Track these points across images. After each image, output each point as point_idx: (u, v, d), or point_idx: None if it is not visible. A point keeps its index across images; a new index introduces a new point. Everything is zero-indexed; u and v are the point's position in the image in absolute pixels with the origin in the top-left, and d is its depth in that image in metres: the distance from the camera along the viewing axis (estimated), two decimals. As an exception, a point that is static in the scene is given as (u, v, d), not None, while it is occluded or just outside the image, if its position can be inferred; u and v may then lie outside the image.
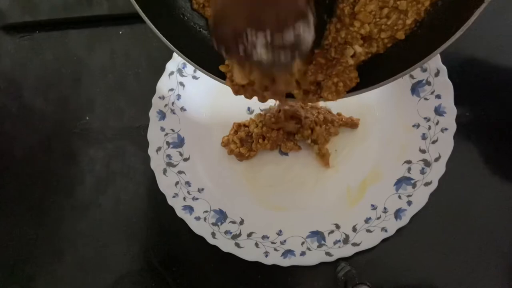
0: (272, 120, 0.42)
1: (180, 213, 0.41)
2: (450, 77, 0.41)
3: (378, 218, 0.39)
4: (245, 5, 0.22)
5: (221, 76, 0.31)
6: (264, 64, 0.23)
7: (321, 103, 0.43)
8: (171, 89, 0.45)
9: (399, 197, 0.39)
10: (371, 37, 0.28)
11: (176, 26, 0.32)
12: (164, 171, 0.43)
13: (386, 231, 0.38)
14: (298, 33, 0.22)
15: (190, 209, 0.42)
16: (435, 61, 0.41)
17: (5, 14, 0.52)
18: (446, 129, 0.40)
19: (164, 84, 0.45)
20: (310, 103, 0.42)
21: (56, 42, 0.52)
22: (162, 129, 0.45)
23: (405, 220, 0.38)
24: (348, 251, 0.38)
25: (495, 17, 0.45)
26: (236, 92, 0.29)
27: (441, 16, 0.27)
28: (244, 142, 0.43)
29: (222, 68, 0.31)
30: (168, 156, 0.44)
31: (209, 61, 0.32)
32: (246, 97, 0.30)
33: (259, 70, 0.25)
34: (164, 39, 0.31)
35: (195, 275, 0.41)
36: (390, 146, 0.42)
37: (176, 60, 0.46)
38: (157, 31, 0.31)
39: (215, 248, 0.40)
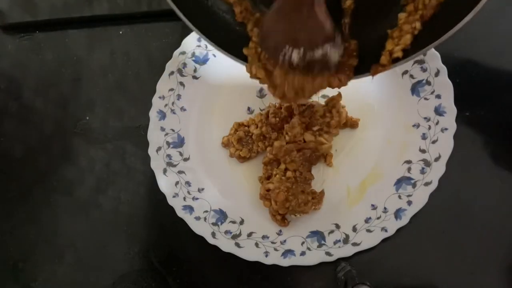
0: (276, 120, 0.42)
1: (180, 213, 0.41)
2: (450, 77, 0.41)
3: (378, 218, 0.39)
4: (285, 28, 0.29)
5: (242, 58, 0.34)
6: (297, 70, 0.30)
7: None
8: (171, 89, 0.45)
9: (399, 197, 0.39)
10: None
11: (200, 11, 0.34)
12: (164, 171, 0.43)
13: (386, 231, 0.38)
14: (325, 52, 0.29)
15: (190, 209, 0.42)
16: (435, 61, 0.41)
17: (5, 14, 0.52)
18: (446, 129, 0.40)
19: (164, 84, 0.45)
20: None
21: (56, 42, 0.52)
22: (162, 129, 0.45)
23: (405, 220, 0.38)
24: (348, 251, 0.38)
25: (495, 17, 0.45)
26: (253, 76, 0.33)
27: None
28: (244, 142, 0.43)
29: (245, 50, 0.33)
30: (168, 156, 0.44)
31: (231, 44, 0.34)
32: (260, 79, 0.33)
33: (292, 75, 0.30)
34: (189, 23, 0.33)
35: (195, 275, 0.41)
36: (390, 146, 0.42)
37: (176, 60, 0.46)
38: (183, 16, 0.32)
39: (215, 248, 0.40)
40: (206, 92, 0.46)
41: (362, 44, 0.32)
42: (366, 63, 0.31)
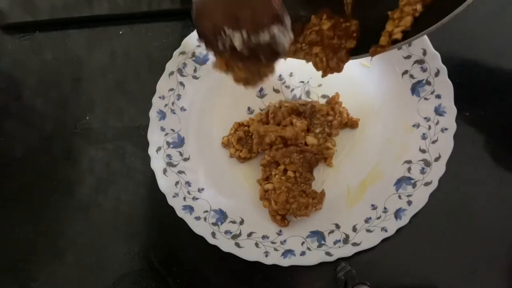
0: (275, 120, 0.42)
1: (180, 213, 0.41)
2: (450, 77, 0.41)
3: (378, 218, 0.39)
4: (223, 4, 0.24)
5: None
6: (243, 59, 0.25)
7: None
8: (171, 89, 0.45)
9: (399, 197, 0.39)
10: None
11: None
12: (164, 171, 0.43)
13: (386, 231, 0.38)
14: (273, 35, 0.24)
15: (190, 209, 0.42)
16: (435, 61, 0.41)
17: (5, 14, 0.52)
18: (446, 129, 0.40)
19: (164, 84, 0.45)
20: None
21: (56, 42, 0.52)
22: (162, 129, 0.45)
23: (405, 220, 0.38)
24: (348, 251, 0.38)
25: (495, 17, 0.45)
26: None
27: None
28: (244, 142, 0.43)
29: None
30: (168, 156, 0.44)
31: None
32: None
33: (238, 63, 0.27)
34: None
35: (195, 275, 0.41)
36: (390, 146, 0.42)
37: (176, 60, 0.46)
38: None
39: (215, 248, 0.40)
40: (206, 92, 0.46)
41: (363, 25, 0.31)
42: (366, 44, 0.31)
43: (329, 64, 0.33)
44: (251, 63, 0.26)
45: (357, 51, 0.32)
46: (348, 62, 0.33)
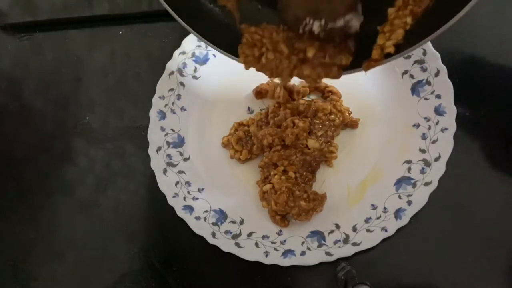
0: (276, 121, 0.42)
1: (180, 213, 0.41)
2: (450, 77, 0.41)
3: (378, 218, 0.39)
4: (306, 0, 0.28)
5: (234, 54, 0.33)
6: (319, 39, 0.29)
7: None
8: (171, 89, 0.45)
9: (399, 197, 0.39)
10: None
11: (196, 11, 0.33)
12: (164, 171, 0.43)
13: (386, 231, 0.38)
14: (347, 22, 0.28)
15: (190, 209, 0.42)
16: (435, 61, 0.41)
17: (5, 14, 0.52)
18: (446, 129, 0.40)
19: (164, 84, 0.45)
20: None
21: (56, 42, 0.52)
22: (162, 129, 0.45)
23: (405, 220, 0.38)
24: (348, 251, 0.38)
25: (495, 17, 0.45)
26: (247, 65, 0.33)
27: None
28: (243, 142, 0.43)
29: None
30: (168, 156, 0.44)
31: (222, 40, 0.34)
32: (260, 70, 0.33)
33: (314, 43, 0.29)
34: (179, 18, 0.32)
35: (195, 275, 0.41)
36: (390, 146, 0.42)
37: (176, 60, 0.46)
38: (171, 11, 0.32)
39: (215, 248, 0.40)
40: (206, 92, 0.46)
41: (357, 38, 0.31)
42: (359, 57, 0.31)
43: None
44: (327, 43, 0.29)
45: (350, 66, 0.32)
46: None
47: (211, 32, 0.34)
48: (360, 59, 0.31)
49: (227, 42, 0.33)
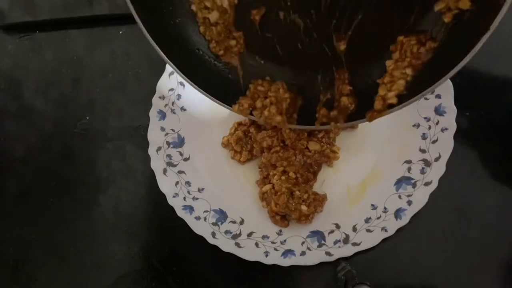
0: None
1: (180, 213, 0.41)
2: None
3: (378, 218, 0.39)
4: None
5: (228, 103, 0.37)
6: None
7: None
8: (171, 89, 0.45)
9: (399, 197, 0.39)
10: None
11: (190, 59, 0.36)
12: (164, 171, 0.43)
13: (386, 231, 0.38)
14: None
15: (190, 209, 0.42)
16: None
17: (5, 14, 0.52)
18: (446, 129, 0.40)
19: (164, 84, 0.45)
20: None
21: (56, 42, 0.52)
22: (162, 129, 0.45)
23: (405, 220, 0.38)
24: (348, 251, 0.38)
25: (495, 17, 0.45)
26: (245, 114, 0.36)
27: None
28: (243, 142, 0.43)
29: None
30: (168, 156, 0.44)
31: (221, 91, 0.36)
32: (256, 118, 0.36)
33: None
34: (179, 71, 0.35)
35: (195, 275, 0.41)
36: (390, 146, 0.42)
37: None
38: (170, 62, 0.35)
39: (215, 248, 0.40)
40: (206, 92, 0.46)
41: (357, 91, 0.31)
42: (362, 107, 0.31)
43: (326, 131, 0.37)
44: None
45: (354, 116, 0.32)
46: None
47: (212, 85, 0.36)
48: (365, 109, 0.31)
49: (225, 93, 0.36)
